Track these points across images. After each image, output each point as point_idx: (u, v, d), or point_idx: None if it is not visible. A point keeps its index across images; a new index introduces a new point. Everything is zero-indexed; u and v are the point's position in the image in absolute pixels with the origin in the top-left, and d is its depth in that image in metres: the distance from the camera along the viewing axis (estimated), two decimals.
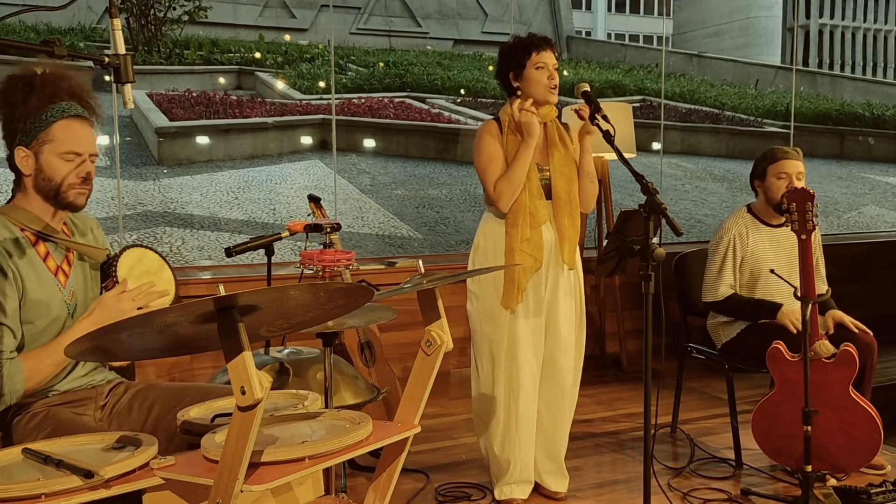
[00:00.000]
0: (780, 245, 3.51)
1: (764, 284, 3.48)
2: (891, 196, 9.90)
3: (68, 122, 2.11)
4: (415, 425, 1.89)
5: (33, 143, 2.09)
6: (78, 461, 1.59)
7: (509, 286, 2.95)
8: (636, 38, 20.52)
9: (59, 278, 2.15)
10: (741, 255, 3.50)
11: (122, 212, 5.37)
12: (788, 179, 3.41)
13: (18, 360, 2.02)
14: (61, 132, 2.10)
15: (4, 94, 2.10)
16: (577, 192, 3.00)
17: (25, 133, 2.09)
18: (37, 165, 2.10)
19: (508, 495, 3.06)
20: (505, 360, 2.99)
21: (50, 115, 2.09)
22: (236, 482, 1.47)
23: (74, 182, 2.13)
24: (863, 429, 3.13)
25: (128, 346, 1.55)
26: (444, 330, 1.94)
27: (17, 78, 2.10)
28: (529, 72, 2.94)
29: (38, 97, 2.08)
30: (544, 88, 2.94)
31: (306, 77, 7.71)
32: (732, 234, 3.52)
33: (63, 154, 2.11)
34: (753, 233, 3.53)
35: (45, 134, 2.09)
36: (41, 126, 2.09)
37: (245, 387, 1.43)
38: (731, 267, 3.50)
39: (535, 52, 2.94)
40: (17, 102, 2.08)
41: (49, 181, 2.11)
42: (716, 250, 3.54)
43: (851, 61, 19.53)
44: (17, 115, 2.08)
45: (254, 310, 1.50)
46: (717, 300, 3.50)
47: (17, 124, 2.09)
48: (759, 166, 3.53)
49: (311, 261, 2.66)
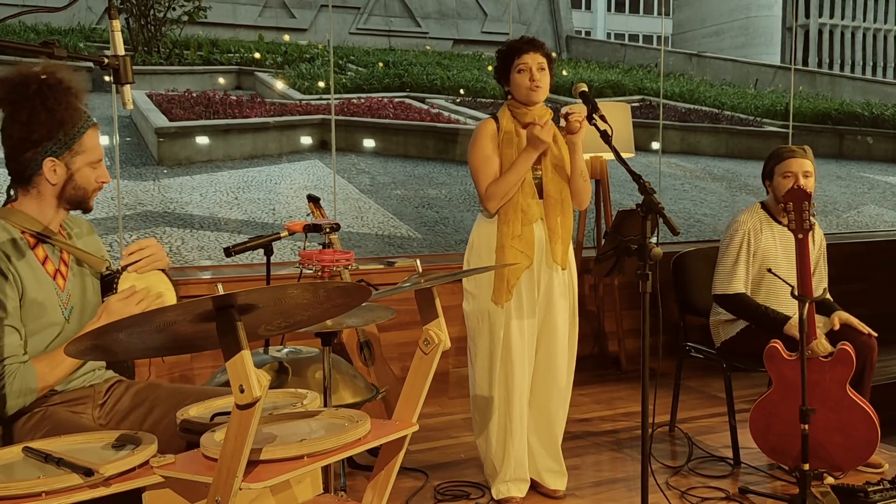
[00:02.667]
0: (787, 244, 3.52)
1: (768, 281, 3.49)
2: (890, 195, 9.90)
3: (92, 131, 2.15)
4: (412, 424, 1.90)
5: (65, 154, 2.11)
6: (78, 459, 1.60)
7: (499, 282, 2.98)
8: (636, 38, 20.53)
9: (57, 282, 2.16)
10: (754, 249, 3.52)
11: (121, 212, 5.38)
12: (794, 178, 3.42)
13: (32, 364, 2.04)
14: (90, 141, 2.15)
15: (13, 111, 2.08)
16: (568, 193, 3.04)
17: (56, 144, 2.09)
18: (68, 175, 2.13)
19: (506, 494, 3.08)
20: (500, 359, 3.01)
21: (81, 126, 2.11)
22: (235, 480, 1.48)
23: (97, 188, 2.19)
24: (860, 427, 3.14)
25: (127, 345, 1.56)
26: (441, 329, 1.95)
27: (23, 87, 2.06)
28: (513, 75, 3.01)
29: (63, 108, 2.08)
30: (525, 90, 2.98)
31: (306, 77, 7.71)
32: (747, 227, 3.53)
33: (93, 163, 2.16)
34: (766, 229, 3.54)
35: (79, 145, 2.12)
36: (75, 138, 2.11)
37: (243, 385, 1.44)
38: (744, 261, 3.51)
39: (517, 55, 2.99)
40: (40, 113, 2.06)
41: (80, 189, 2.16)
42: (730, 244, 3.54)
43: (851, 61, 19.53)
44: (44, 126, 2.06)
45: (252, 309, 1.51)
46: (728, 293, 3.50)
47: (39, 134, 2.07)
48: (768, 165, 3.56)
49: (310, 261, 2.67)
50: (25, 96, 2.06)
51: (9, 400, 2.00)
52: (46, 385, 2.06)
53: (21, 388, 2.00)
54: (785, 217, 3.50)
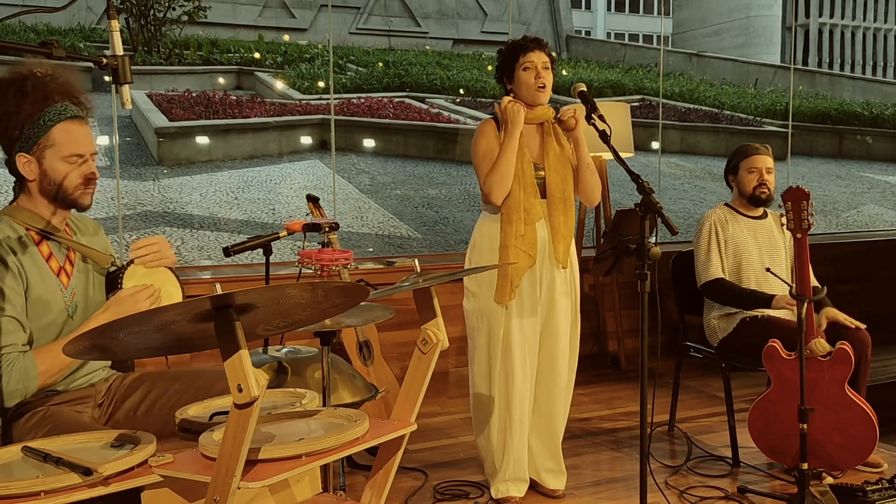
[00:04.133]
0: (759, 235, 3.65)
1: (749, 275, 3.58)
2: (889, 195, 9.90)
3: (66, 124, 2.11)
4: (411, 423, 1.90)
5: (34, 149, 2.10)
6: (77, 459, 1.61)
7: (502, 282, 2.98)
8: (635, 38, 20.53)
9: (61, 279, 2.17)
10: (724, 238, 3.63)
11: (121, 212, 5.38)
12: (759, 173, 3.61)
13: (32, 355, 2.04)
14: (61, 135, 2.11)
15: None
16: (571, 192, 3.03)
17: (25, 139, 2.09)
18: (41, 170, 2.12)
19: (505, 493, 3.08)
20: (500, 358, 3.01)
21: (48, 120, 2.09)
22: (233, 479, 1.48)
23: (79, 183, 2.15)
24: (859, 427, 3.14)
25: (126, 345, 1.56)
26: (439, 328, 1.96)
27: (7, 84, 2.09)
28: (518, 73, 2.99)
29: (32, 102, 2.08)
30: (531, 89, 2.97)
31: (306, 77, 7.71)
32: (712, 220, 3.67)
33: (66, 157, 2.12)
34: (732, 222, 3.67)
35: (46, 139, 2.10)
36: (40, 131, 2.09)
37: (242, 384, 1.45)
38: (716, 248, 3.62)
39: (522, 53, 2.98)
40: (11, 111, 2.07)
41: (54, 184, 2.13)
42: (699, 238, 3.68)
43: (851, 60, 19.52)
44: (13, 123, 2.08)
45: (250, 308, 1.51)
46: (709, 280, 3.59)
47: (14, 131, 2.09)
48: (732, 161, 3.73)
49: (310, 260, 2.67)
50: (5, 97, 2.07)
51: (7, 389, 2.00)
52: (47, 377, 2.06)
53: (20, 377, 2.00)
54: (753, 210, 3.69)
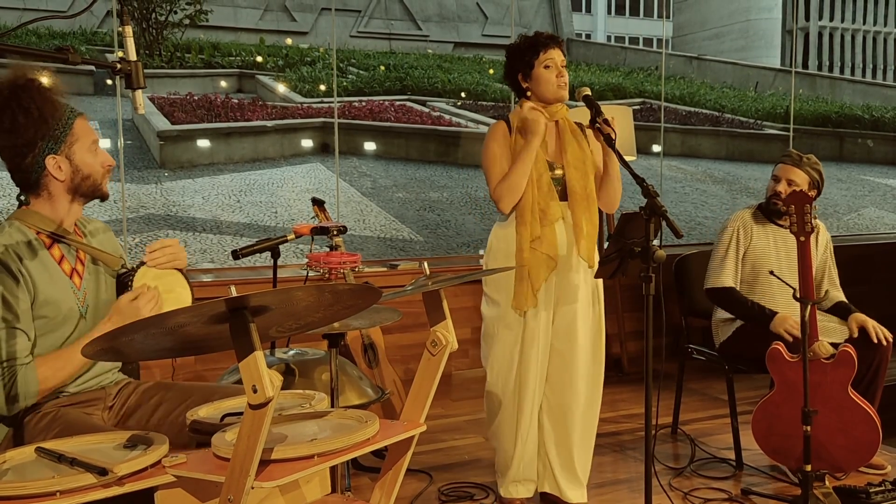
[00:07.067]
0: (783, 245, 3.56)
1: (764, 282, 3.53)
2: (890, 198, 9.92)
3: (80, 119, 2.16)
4: (420, 424, 1.91)
5: (62, 148, 2.12)
6: (91, 459, 1.62)
7: (520, 286, 2.88)
8: (636, 41, 20.56)
9: (73, 280, 2.18)
10: (744, 246, 3.57)
11: (125, 215, 5.40)
12: (778, 183, 3.53)
13: (34, 365, 2.05)
14: (80, 128, 2.15)
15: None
16: (593, 188, 2.95)
17: (51, 141, 2.10)
18: (72, 168, 2.14)
19: (514, 494, 3.08)
20: (517, 364, 2.95)
21: (69, 117, 2.12)
22: (248, 479, 1.50)
23: (104, 171, 2.20)
24: (862, 428, 3.15)
25: (140, 347, 1.58)
26: (449, 331, 1.97)
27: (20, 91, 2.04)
28: (538, 71, 2.91)
29: (28, 112, 2.05)
30: (554, 86, 2.91)
31: (307, 80, 7.73)
32: (737, 225, 3.59)
33: (90, 147, 2.16)
34: (758, 228, 3.58)
35: (72, 135, 2.13)
36: (66, 129, 2.12)
37: (256, 385, 1.46)
38: (733, 256, 3.55)
39: (542, 50, 2.91)
40: (15, 126, 2.05)
41: (88, 178, 2.16)
42: (720, 239, 3.62)
43: (851, 63, 19.56)
44: (28, 138, 2.06)
45: (264, 310, 1.53)
46: (716, 287, 3.55)
47: (38, 138, 2.07)
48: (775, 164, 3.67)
49: (318, 263, 2.68)
50: (21, 105, 2.05)
51: (6, 402, 2.01)
52: (48, 388, 2.07)
53: (21, 391, 2.01)
54: (782, 218, 3.56)
